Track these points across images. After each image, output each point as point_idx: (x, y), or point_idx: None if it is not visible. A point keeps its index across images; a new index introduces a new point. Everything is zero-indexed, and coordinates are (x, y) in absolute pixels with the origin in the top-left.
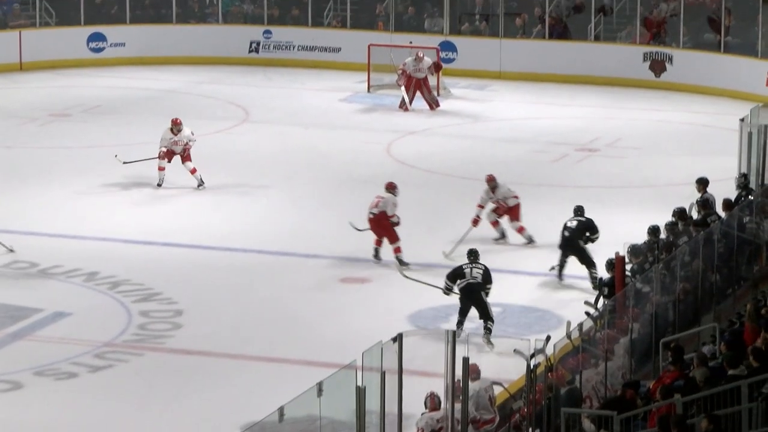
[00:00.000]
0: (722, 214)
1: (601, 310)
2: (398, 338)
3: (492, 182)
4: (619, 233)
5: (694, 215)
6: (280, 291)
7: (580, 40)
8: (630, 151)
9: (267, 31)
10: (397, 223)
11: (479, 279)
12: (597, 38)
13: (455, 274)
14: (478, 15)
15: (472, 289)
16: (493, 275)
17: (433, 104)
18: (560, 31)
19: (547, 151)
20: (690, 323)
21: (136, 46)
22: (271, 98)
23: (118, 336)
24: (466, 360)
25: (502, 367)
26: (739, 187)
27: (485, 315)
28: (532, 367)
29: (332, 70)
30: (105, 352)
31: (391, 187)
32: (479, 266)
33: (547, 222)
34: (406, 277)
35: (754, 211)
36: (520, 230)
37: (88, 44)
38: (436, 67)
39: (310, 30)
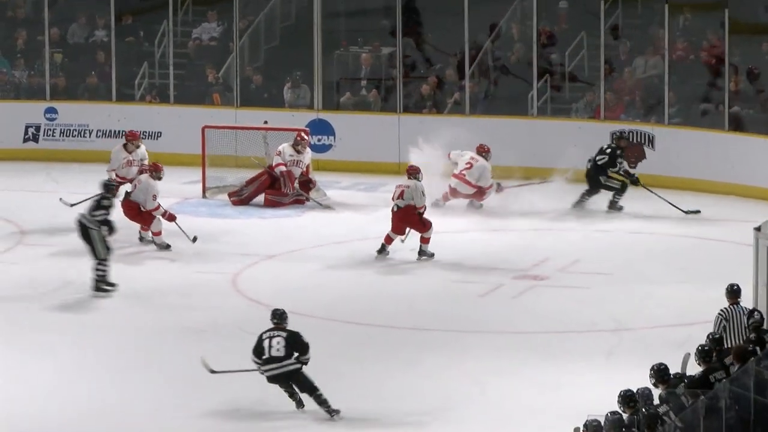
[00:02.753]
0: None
1: None
2: None
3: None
4: (580, 401)
5: (690, 371)
6: None
7: (517, 115)
8: (593, 277)
9: (51, 110)
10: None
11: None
12: (542, 112)
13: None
14: (365, 81)
15: None
16: None
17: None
18: (487, 103)
19: (472, 281)
20: None
21: None
22: (56, 209)
23: None
24: None
25: None
26: (752, 328)
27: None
28: None
29: None
30: None
31: (415, 171)
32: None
33: (474, 387)
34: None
35: None
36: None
37: None
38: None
39: (115, 106)
